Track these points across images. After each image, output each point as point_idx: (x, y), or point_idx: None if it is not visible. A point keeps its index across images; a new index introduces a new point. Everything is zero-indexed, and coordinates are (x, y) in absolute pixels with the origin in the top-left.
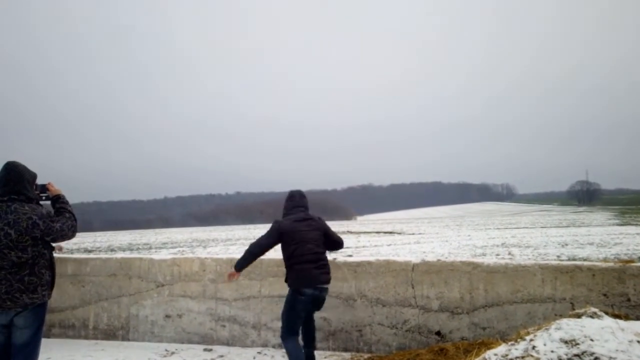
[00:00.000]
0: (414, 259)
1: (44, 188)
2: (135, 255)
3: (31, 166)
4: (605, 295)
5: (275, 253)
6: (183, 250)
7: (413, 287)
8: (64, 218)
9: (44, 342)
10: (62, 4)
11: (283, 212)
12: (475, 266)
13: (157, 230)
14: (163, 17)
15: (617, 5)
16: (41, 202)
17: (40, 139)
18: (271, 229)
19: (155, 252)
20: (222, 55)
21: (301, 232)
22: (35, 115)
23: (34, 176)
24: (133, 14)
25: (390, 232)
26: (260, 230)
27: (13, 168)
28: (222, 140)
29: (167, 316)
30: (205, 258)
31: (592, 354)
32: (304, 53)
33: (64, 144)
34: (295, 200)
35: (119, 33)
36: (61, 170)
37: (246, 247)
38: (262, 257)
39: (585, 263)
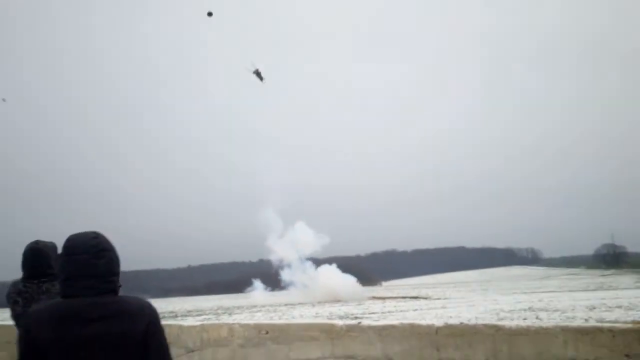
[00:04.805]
0: (437, 322)
1: None
2: (163, 322)
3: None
4: (627, 355)
5: (303, 308)
6: (209, 318)
7: (438, 350)
8: None
9: None
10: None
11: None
12: (497, 329)
13: (183, 298)
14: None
15: None
16: None
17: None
18: (19, 345)
19: (182, 319)
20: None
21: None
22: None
23: (55, 250)
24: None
25: (416, 297)
26: (285, 297)
27: (39, 252)
28: (246, 208)
29: None
30: (233, 324)
31: None
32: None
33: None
34: (74, 259)
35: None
36: None
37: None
38: (289, 321)
39: (605, 324)
